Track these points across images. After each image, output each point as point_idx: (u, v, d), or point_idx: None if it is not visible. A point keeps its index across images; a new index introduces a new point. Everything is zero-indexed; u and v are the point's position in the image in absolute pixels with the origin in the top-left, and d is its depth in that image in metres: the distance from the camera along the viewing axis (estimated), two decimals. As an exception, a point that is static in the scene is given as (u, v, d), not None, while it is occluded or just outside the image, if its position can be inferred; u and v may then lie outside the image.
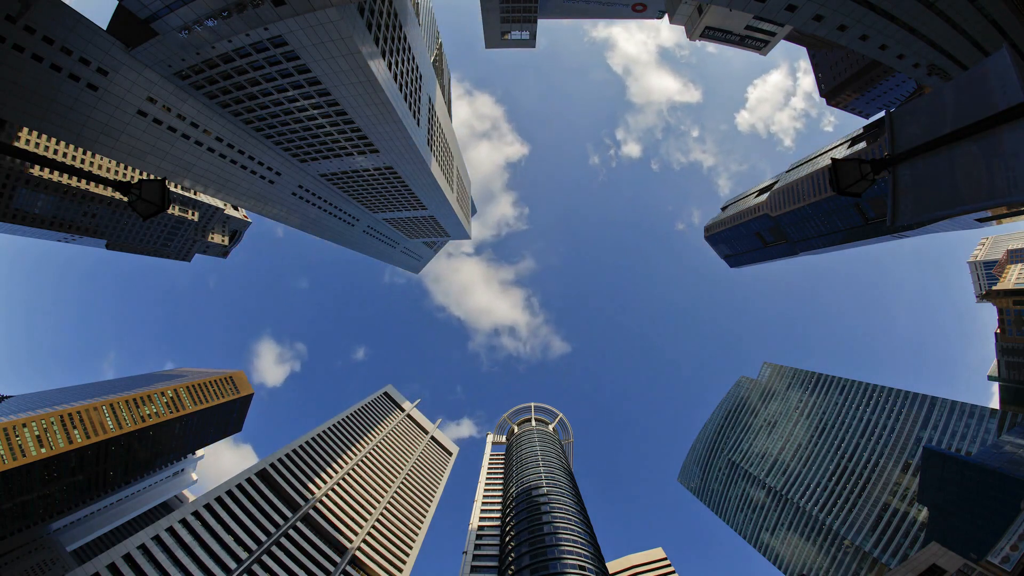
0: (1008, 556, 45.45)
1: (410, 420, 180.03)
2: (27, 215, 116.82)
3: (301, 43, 55.29)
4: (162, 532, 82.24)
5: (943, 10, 44.97)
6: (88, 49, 51.63)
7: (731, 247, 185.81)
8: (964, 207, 7.45)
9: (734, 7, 51.05)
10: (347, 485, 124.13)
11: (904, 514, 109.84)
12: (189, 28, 50.45)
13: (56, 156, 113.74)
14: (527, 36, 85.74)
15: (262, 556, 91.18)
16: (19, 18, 46.37)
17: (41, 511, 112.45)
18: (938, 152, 7.65)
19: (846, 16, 48.19)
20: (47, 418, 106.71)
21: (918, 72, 54.74)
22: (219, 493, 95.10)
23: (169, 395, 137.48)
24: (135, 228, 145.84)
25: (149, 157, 65.66)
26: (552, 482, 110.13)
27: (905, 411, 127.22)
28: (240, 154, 79.12)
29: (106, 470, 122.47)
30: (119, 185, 9.07)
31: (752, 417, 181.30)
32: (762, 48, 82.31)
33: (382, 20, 62.55)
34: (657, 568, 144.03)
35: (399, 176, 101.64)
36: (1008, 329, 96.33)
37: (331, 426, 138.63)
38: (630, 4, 79.17)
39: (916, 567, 48.31)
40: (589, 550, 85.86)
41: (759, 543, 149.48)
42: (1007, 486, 65.62)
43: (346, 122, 74.60)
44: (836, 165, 8.57)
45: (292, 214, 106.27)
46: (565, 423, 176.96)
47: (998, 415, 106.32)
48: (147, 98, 59.72)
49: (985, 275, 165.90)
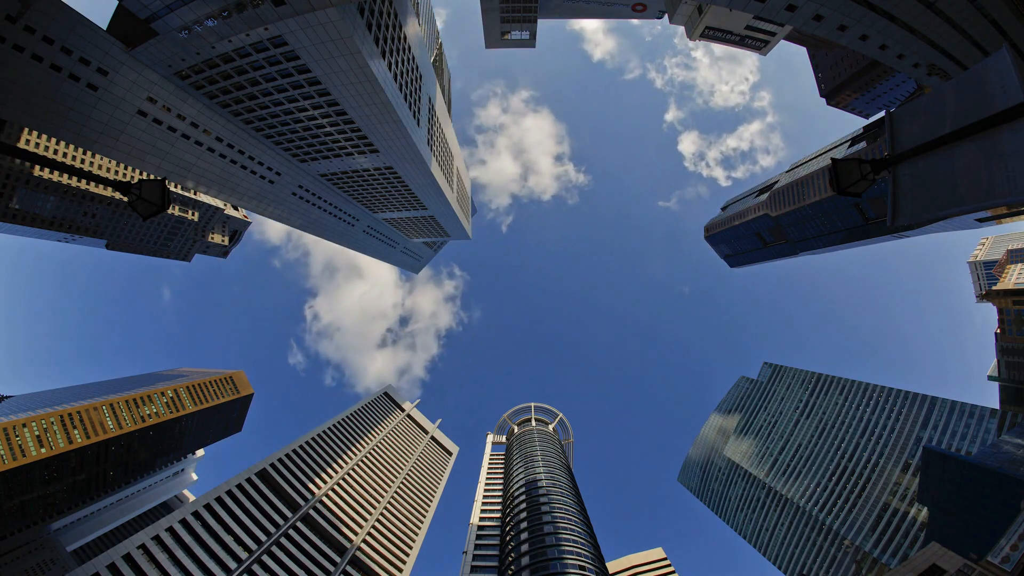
0: (1008, 556, 45.45)
1: (410, 420, 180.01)
2: (27, 215, 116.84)
3: (301, 43, 55.30)
4: (162, 532, 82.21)
5: (943, 10, 44.98)
6: (88, 49, 51.62)
7: (731, 247, 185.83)
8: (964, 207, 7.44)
9: (734, 7, 51.06)
10: (347, 485, 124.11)
11: (904, 514, 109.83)
12: (189, 28, 50.43)
13: (56, 156, 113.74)
14: (527, 36, 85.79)
15: (262, 556, 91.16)
16: (19, 18, 46.36)
17: (41, 511, 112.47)
18: (938, 152, 7.65)
19: (846, 16, 48.21)
20: (47, 418, 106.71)
21: (918, 72, 54.75)
22: (219, 493, 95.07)
23: (169, 395, 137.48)
24: (135, 228, 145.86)
25: (149, 157, 65.65)
26: (552, 482, 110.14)
27: (905, 411, 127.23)
28: (240, 154, 79.11)
29: (106, 470, 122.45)
30: (119, 185, 9.07)
31: (752, 417, 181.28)
32: (762, 48, 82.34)
33: (382, 20, 62.55)
34: (657, 568, 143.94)
35: (399, 176, 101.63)
36: (1008, 329, 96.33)
37: (331, 426, 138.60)
38: (630, 4, 79.20)
39: (916, 567, 48.31)
40: (589, 550, 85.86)
41: (759, 543, 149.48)
42: (1007, 486, 65.61)
43: (346, 122, 74.59)
44: (836, 165, 8.58)
45: (292, 214, 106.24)
46: (565, 423, 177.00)
47: (998, 415, 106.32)
48: (147, 98, 59.70)
49: (985, 275, 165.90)
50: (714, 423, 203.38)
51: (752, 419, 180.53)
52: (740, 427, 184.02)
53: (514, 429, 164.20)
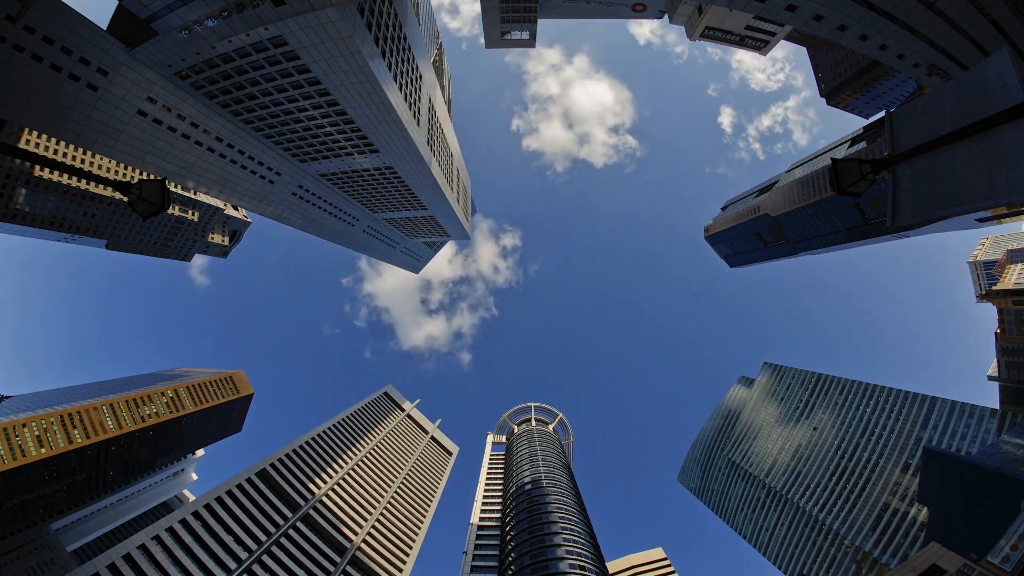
0: (1008, 556, 45.45)
1: (410, 420, 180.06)
2: (27, 215, 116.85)
3: (301, 43, 55.29)
4: (162, 532, 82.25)
5: (943, 10, 44.99)
6: (88, 49, 51.62)
7: (731, 247, 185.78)
8: (964, 207, 7.44)
9: (734, 7, 51.07)
10: (347, 485, 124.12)
11: (904, 514, 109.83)
12: (189, 28, 50.44)
13: (56, 156, 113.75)
14: (527, 36, 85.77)
15: (262, 556, 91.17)
16: (19, 18, 46.37)
17: (41, 511, 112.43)
18: (938, 152, 7.64)
19: (846, 16, 48.22)
20: (47, 418, 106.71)
21: (918, 72, 54.77)
22: (219, 493, 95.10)
23: (169, 395, 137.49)
24: (135, 228, 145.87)
25: (149, 157, 65.66)
26: (552, 482, 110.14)
27: (905, 411, 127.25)
28: (240, 154, 79.12)
29: (106, 470, 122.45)
30: (119, 185, 9.07)
31: (752, 417, 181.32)
32: (762, 48, 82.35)
33: (382, 20, 62.55)
34: (657, 568, 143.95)
35: (399, 176, 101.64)
36: (1008, 329, 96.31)
37: (331, 426, 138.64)
38: (630, 4, 79.18)
39: (916, 567, 48.31)
40: (589, 550, 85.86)
41: (759, 543, 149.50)
42: (1007, 486, 65.58)
43: (346, 122, 74.60)
44: (836, 165, 8.58)
45: (292, 214, 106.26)
46: (565, 423, 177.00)
47: (998, 415, 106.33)
48: (147, 98, 59.71)
49: (985, 275, 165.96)
50: (714, 423, 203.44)
51: (752, 419, 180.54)
52: (740, 427, 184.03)
53: (514, 429, 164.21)
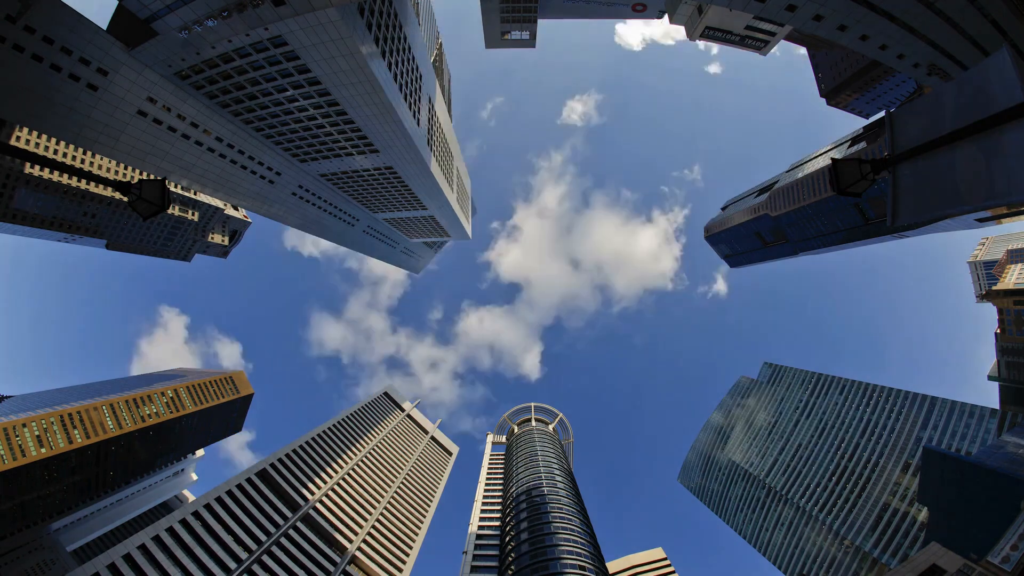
0: (1008, 556, 45.44)
1: (410, 420, 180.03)
2: (27, 215, 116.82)
3: (301, 43, 55.28)
4: (162, 532, 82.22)
5: (943, 10, 44.95)
6: (88, 49, 51.61)
7: (731, 247, 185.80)
8: (964, 207, 7.44)
9: (734, 7, 51.08)
10: (347, 485, 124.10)
11: (904, 514, 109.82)
12: (189, 28, 50.42)
13: (56, 156, 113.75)
14: (527, 36, 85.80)
15: (262, 556, 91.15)
16: (19, 18, 46.36)
17: (41, 511, 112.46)
18: (938, 152, 7.64)
19: (846, 16, 48.21)
20: (47, 418, 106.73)
21: (918, 72, 54.74)
22: (219, 493, 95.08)
23: (169, 395, 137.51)
24: (135, 228, 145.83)
25: (149, 157, 65.65)
26: (552, 482, 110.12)
27: (905, 411, 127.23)
28: (240, 154, 79.11)
29: (106, 470, 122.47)
30: (119, 185, 9.07)
31: (752, 417, 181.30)
32: (762, 48, 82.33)
33: (382, 20, 62.54)
34: (657, 568, 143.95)
35: (399, 176, 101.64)
36: (1008, 329, 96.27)
37: (331, 426, 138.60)
38: (630, 4, 79.18)
39: (916, 567, 48.32)
40: (589, 550, 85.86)
41: (759, 543, 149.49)
42: (1007, 486, 65.50)
43: (346, 122, 74.60)
44: (836, 165, 8.57)
45: (292, 214, 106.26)
46: (565, 423, 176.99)
47: (998, 415, 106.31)
48: (147, 98, 59.70)
49: (985, 275, 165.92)
50: (714, 423, 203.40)
51: (752, 419, 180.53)
52: (740, 427, 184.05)
53: (514, 429, 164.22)
